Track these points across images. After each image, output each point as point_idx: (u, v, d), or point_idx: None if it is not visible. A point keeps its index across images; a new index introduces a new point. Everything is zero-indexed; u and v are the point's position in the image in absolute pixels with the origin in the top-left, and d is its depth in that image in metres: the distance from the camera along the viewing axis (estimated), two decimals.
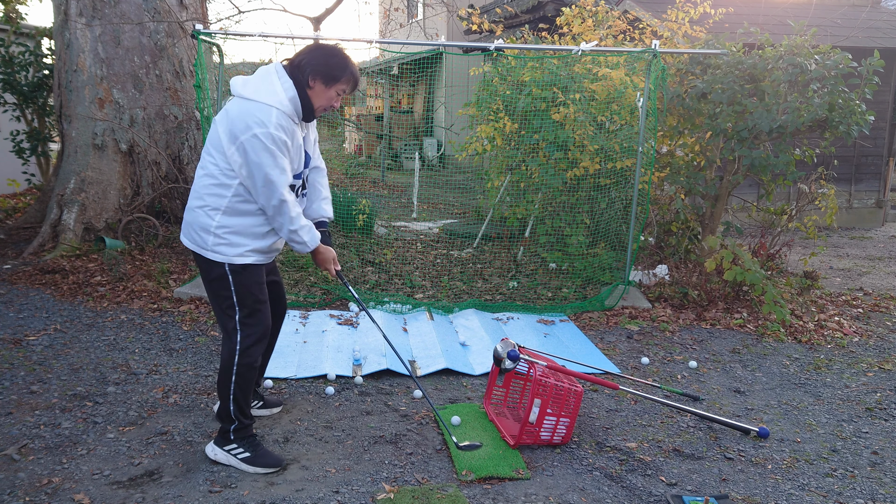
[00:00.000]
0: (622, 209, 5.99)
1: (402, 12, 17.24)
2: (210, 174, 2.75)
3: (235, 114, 2.68)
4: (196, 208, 2.79)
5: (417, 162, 9.26)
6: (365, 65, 14.11)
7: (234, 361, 2.83)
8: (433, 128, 13.74)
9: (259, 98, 2.68)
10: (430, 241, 7.23)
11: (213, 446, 2.91)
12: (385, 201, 9.31)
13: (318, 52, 2.79)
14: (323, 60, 2.76)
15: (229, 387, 2.83)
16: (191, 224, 2.82)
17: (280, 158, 2.68)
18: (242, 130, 2.64)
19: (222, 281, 2.81)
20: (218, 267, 2.79)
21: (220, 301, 2.85)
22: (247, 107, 2.67)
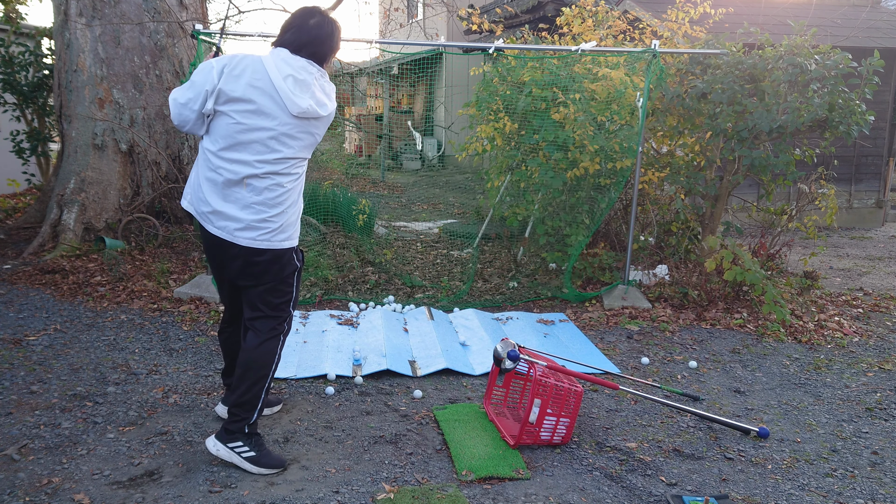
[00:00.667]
0: (622, 209, 5.99)
1: (402, 12, 17.24)
2: (299, 178, 2.90)
3: (319, 130, 2.90)
4: (278, 213, 2.85)
5: (419, 142, 9.18)
6: (365, 65, 14.10)
7: (279, 355, 2.96)
8: (433, 128, 13.74)
9: (333, 108, 2.91)
10: (431, 242, 7.23)
11: (215, 441, 2.87)
12: (385, 201, 9.31)
13: (316, 34, 2.82)
14: (335, 45, 2.89)
15: (268, 375, 2.91)
16: (270, 228, 2.86)
17: None
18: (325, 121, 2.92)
19: (292, 273, 2.96)
20: (289, 256, 2.92)
21: (279, 296, 2.95)
22: (329, 119, 2.92)
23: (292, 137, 2.79)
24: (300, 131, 2.81)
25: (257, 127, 2.74)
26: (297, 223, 2.95)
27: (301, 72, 2.77)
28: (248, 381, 2.87)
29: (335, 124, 7.95)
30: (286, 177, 2.84)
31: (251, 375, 2.87)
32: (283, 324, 2.97)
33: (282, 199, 2.83)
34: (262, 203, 2.80)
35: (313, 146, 2.94)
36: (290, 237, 2.91)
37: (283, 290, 2.94)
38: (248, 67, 2.72)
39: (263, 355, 2.90)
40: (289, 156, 2.81)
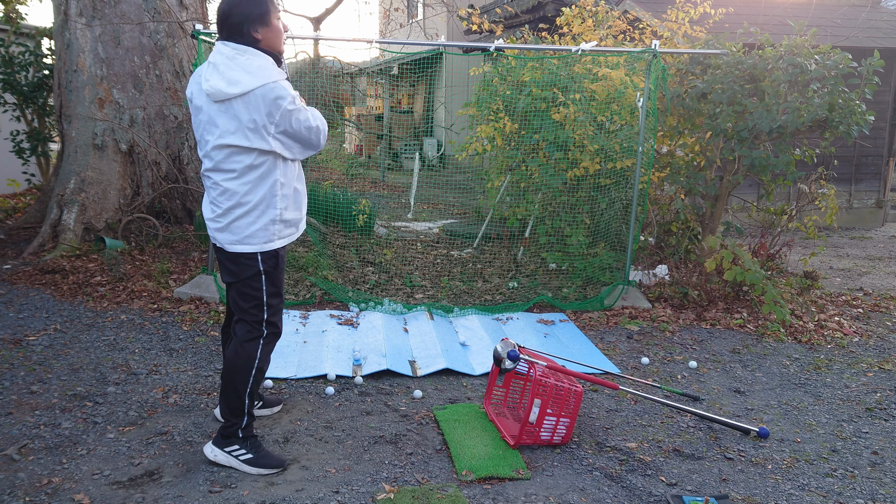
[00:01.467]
0: (622, 209, 5.99)
1: (402, 12, 17.24)
2: (239, 175, 2.74)
3: (246, 112, 2.65)
4: (221, 214, 2.79)
5: (417, 163, 9.26)
6: (365, 65, 14.10)
7: (258, 357, 2.88)
8: (433, 128, 13.74)
9: (256, 83, 2.63)
10: (431, 242, 7.23)
11: (212, 447, 2.89)
12: (385, 201, 9.31)
13: (234, 6, 2.67)
14: (246, 11, 2.67)
15: (248, 381, 2.86)
16: (219, 227, 2.81)
17: (304, 106, 2.76)
18: (271, 115, 2.66)
19: (253, 277, 2.85)
20: (245, 259, 2.83)
21: (245, 299, 2.88)
22: (255, 97, 2.63)
23: (214, 124, 2.70)
24: (221, 116, 2.67)
25: (196, 122, 2.82)
26: (251, 227, 2.77)
27: (214, 55, 2.73)
28: (230, 386, 2.86)
29: (335, 124, 7.95)
30: (222, 174, 2.74)
31: (231, 380, 2.86)
32: (260, 327, 2.87)
33: (222, 199, 2.77)
34: (213, 202, 2.83)
35: (245, 134, 2.67)
36: (242, 241, 2.78)
37: (247, 294, 2.84)
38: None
39: (240, 360, 2.85)
40: (215, 144, 2.70)
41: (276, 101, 2.64)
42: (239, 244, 2.79)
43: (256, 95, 2.63)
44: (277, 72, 2.72)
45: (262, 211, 2.77)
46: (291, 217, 2.87)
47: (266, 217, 2.78)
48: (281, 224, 2.83)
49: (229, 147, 2.70)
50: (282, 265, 2.93)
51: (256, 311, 2.86)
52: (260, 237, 2.80)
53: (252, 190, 2.75)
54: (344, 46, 13.33)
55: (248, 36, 2.69)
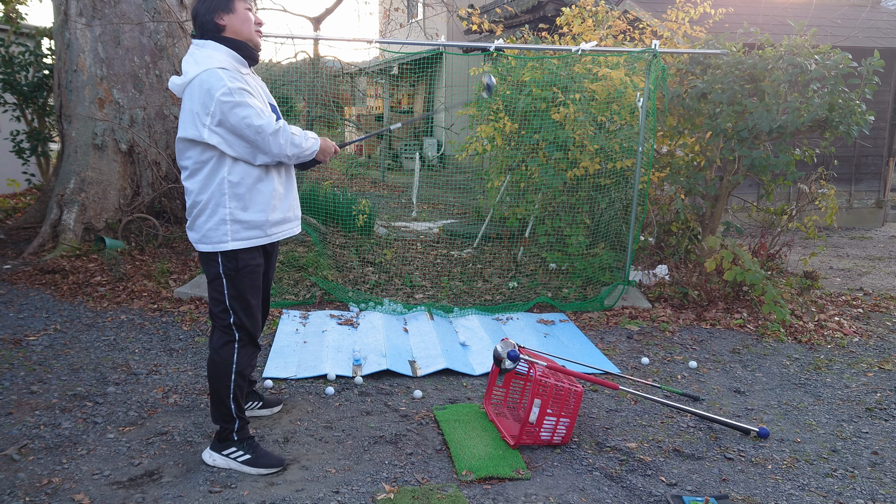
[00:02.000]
0: (622, 209, 5.99)
1: (402, 12, 17.24)
2: (191, 173, 2.72)
3: (189, 103, 2.63)
4: (199, 213, 2.75)
5: (418, 162, 9.26)
6: (365, 65, 14.10)
7: (234, 361, 2.84)
8: (433, 128, 13.74)
9: (197, 71, 2.61)
10: (431, 242, 7.23)
11: (210, 453, 2.89)
12: (385, 201, 9.31)
13: (194, 12, 2.73)
14: (202, 10, 2.71)
15: (229, 386, 2.83)
16: (194, 226, 2.78)
17: (253, 103, 2.63)
18: (203, 108, 2.59)
19: (214, 278, 2.81)
20: (207, 258, 2.79)
21: (212, 302, 2.85)
22: (193, 87, 2.61)
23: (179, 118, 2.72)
24: (182, 108, 2.69)
25: None
26: (205, 226, 2.73)
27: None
28: (214, 392, 2.86)
29: (335, 124, 7.95)
30: (182, 172, 2.78)
31: (214, 387, 2.85)
32: (231, 331, 2.82)
33: (187, 197, 2.79)
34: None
35: (186, 125, 2.64)
36: (200, 240, 2.76)
37: (213, 296, 2.82)
38: None
39: (217, 366, 2.83)
40: (180, 136, 2.69)
41: (209, 90, 2.58)
42: (199, 242, 2.78)
43: (194, 84, 2.61)
44: (224, 61, 2.66)
45: (212, 210, 2.71)
46: (251, 219, 2.74)
47: (216, 217, 2.71)
48: (236, 224, 2.72)
49: (181, 141, 2.70)
50: (249, 271, 2.80)
51: (223, 315, 2.81)
52: (212, 237, 2.73)
53: (202, 189, 2.71)
54: (344, 46, 13.42)
55: (213, 24, 2.70)
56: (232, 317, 2.81)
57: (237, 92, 2.60)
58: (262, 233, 2.80)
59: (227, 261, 2.76)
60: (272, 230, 2.84)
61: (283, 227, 2.89)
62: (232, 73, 2.66)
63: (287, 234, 2.93)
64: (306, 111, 7.00)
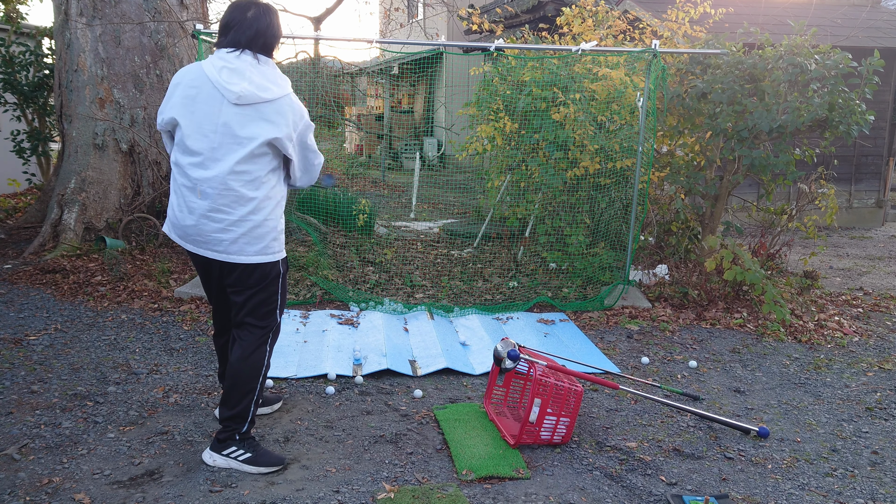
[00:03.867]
0: (622, 209, 5.99)
1: (402, 12, 17.24)
2: (253, 179, 2.75)
3: (282, 115, 2.75)
4: (249, 216, 2.76)
5: (418, 162, 9.26)
6: (365, 65, 14.10)
7: (266, 363, 2.91)
8: (433, 128, 13.74)
9: (285, 91, 2.78)
10: (431, 241, 7.23)
11: (210, 453, 2.89)
12: (385, 201, 9.31)
13: (272, 24, 2.81)
14: (277, 30, 2.84)
15: (256, 388, 2.88)
16: (245, 236, 2.77)
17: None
18: (296, 123, 2.80)
19: (276, 281, 2.90)
20: (276, 267, 2.89)
21: (266, 304, 2.90)
22: (282, 103, 2.76)
23: (238, 124, 2.79)
24: (243, 118, 2.72)
25: (195, 109, 2.86)
26: (270, 235, 2.91)
27: (233, 61, 2.73)
28: (237, 391, 2.86)
29: (335, 124, 7.96)
30: (240, 178, 2.85)
31: (239, 387, 2.87)
32: (268, 335, 2.96)
33: (255, 195, 2.88)
34: (240, 199, 2.90)
35: (287, 135, 2.77)
36: (263, 251, 2.90)
37: (264, 299, 2.98)
38: (183, 78, 2.78)
39: (251, 367, 2.88)
40: (266, 139, 2.80)
41: (302, 113, 2.82)
42: (258, 255, 2.82)
43: (284, 102, 2.76)
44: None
45: (275, 221, 2.89)
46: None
47: (278, 228, 2.91)
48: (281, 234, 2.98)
49: (260, 145, 2.74)
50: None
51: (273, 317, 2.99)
52: (274, 247, 2.89)
53: (266, 198, 2.84)
54: (344, 46, 13.46)
55: (272, 49, 2.85)
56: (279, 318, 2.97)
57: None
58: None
59: (282, 266, 2.94)
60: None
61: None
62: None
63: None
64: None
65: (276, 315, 2.94)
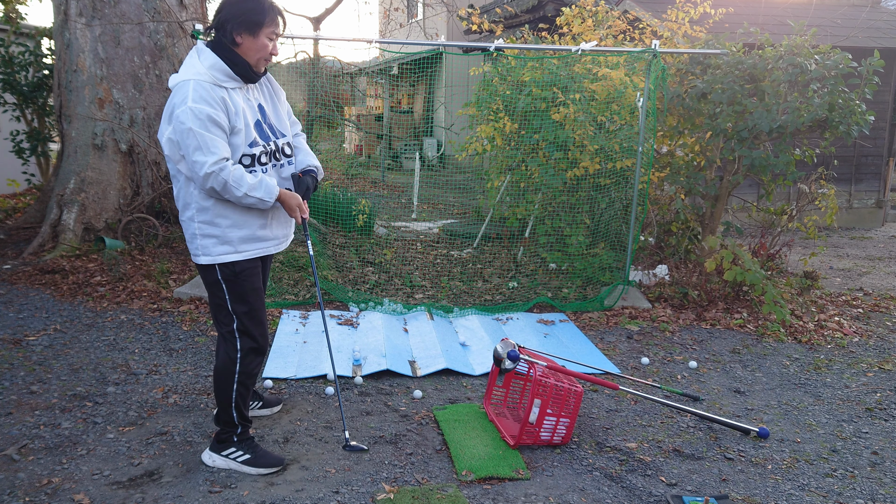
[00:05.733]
0: (622, 209, 5.99)
1: (401, 12, 17.24)
2: (175, 177, 2.70)
3: (166, 109, 2.59)
4: (181, 217, 2.76)
5: (418, 162, 9.26)
6: (365, 65, 14.10)
7: (236, 370, 2.81)
8: (433, 128, 13.74)
9: (177, 80, 2.58)
10: (431, 242, 7.23)
11: (209, 454, 2.89)
12: (385, 201, 9.31)
13: (228, 4, 2.63)
14: (238, 10, 2.59)
15: (231, 394, 2.81)
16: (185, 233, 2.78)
17: (205, 135, 2.50)
18: (167, 118, 2.56)
19: (216, 284, 2.78)
20: (210, 270, 2.76)
21: (218, 307, 2.83)
22: (171, 96, 2.58)
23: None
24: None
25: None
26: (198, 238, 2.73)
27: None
28: (216, 396, 2.87)
29: (335, 124, 7.95)
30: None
31: (216, 391, 2.87)
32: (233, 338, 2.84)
33: (186, 195, 2.75)
34: (180, 199, 2.82)
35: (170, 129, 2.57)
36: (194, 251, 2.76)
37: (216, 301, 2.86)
38: None
39: (221, 369, 2.85)
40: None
41: (180, 99, 2.52)
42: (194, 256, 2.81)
43: (174, 90, 2.58)
44: (200, 73, 2.56)
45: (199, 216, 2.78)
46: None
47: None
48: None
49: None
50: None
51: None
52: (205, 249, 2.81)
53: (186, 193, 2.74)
54: (344, 46, 13.49)
55: (228, 35, 2.61)
56: (235, 322, 2.81)
57: (198, 114, 2.50)
58: (233, 248, 2.75)
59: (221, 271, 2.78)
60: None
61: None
62: (207, 89, 2.54)
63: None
64: (306, 111, 7.00)
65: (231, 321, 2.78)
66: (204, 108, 2.50)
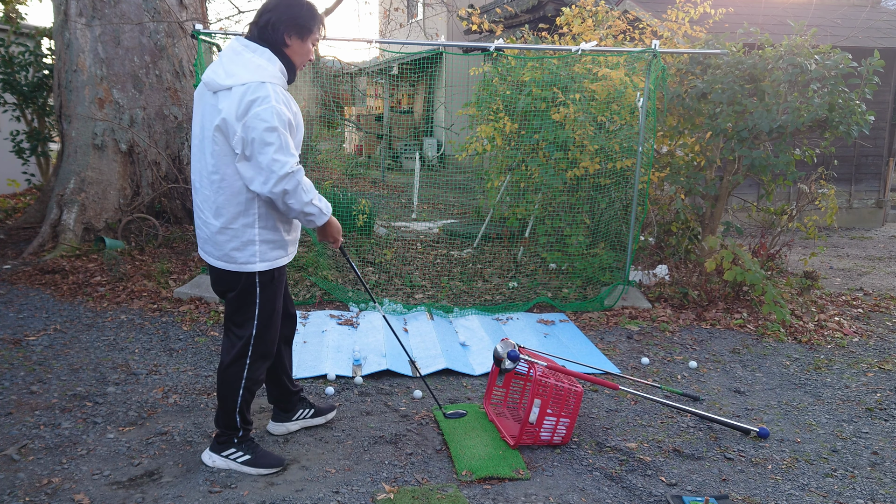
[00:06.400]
0: (622, 209, 5.99)
1: (402, 12, 17.24)
2: (231, 184, 2.59)
3: (228, 105, 2.47)
4: (227, 226, 2.63)
5: (418, 162, 9.26)
6: (365, 65, 14.10)
7: (244, 376, 2.78)
8: (433, 128, 13.74)
9: (245, 79, 2.47)
10: (431, 242, 7.23)
11: (210, 454, 2.88)
12: (385, 201, 9.31)
13: (280, 5, 2.60)
14: (292, 13, 2.59)
15: (236, 400, 2.79)
16: (219, 242, 2.66)
17: (286, 135, 2.48)
18: (242, 114, 2.45)
19: (250, 290, 2.71)
20: (249, 277, 2.70)
21: (242, 310, 2.75)
22: (237, 92, 2.47)
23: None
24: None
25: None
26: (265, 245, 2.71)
27: (224, 49, 2.65)
28: (220, 399, 2.84)
29: (335, 124, 7.96)
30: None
31: (220, 394, 2.84)
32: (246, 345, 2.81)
33: (234, 203, 2.68)
34: (217, 206, 2.74)
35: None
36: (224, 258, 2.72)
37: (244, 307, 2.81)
38: None
39: (229, 375, 2.81)
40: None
41: (251, 102, 2.45)
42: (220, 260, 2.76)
43: (237, 91, 2.48)
44: (275, 76, 2.55)
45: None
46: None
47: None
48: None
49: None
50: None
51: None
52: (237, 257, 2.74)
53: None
54: (344, 46, 13.47)
55: (279, 37, 2.59)
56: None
57: (281, 115, 2.48)
58: (284, 252, 2.83)
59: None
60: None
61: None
62: (282, 93, 2.54)
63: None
64: (306, 111, 7.00)
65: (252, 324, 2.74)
66: (285, 111, 2.50)
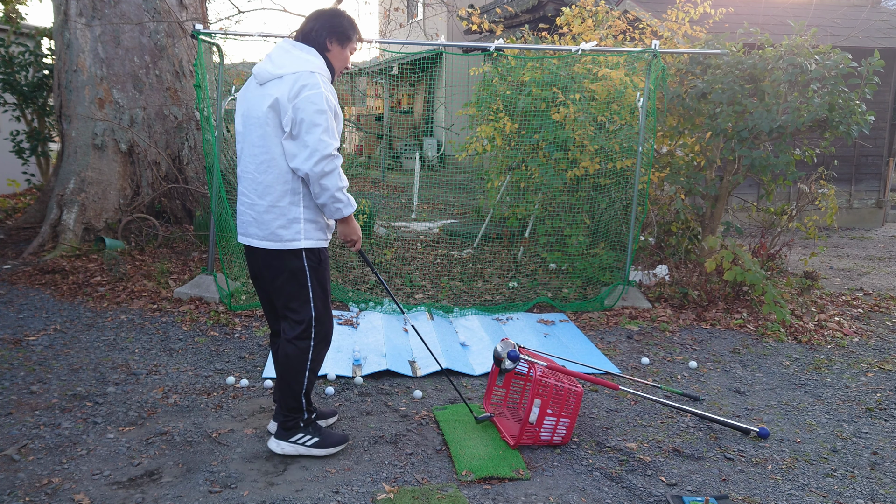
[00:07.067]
0: (622, 209, 5.99)
1: (402, 12, 17.24)
2: (279, 164, 2.73)
3: (280, 89, 2.65)
4: (274, 205, 2.75)
5: (418, 162, 9.26)
6: (365, 65, 14.10)
7: (308, 358, 2.87)
8: (433, 128, 13.74)
9: (295, 68, 2.68)
10: (431, 242, 7.23)
11: (277, 442, 2.94)
12: (385, 201, 9.31)
13: (324, 16, 2.84)
14: (334, 23, 2.82)
15: (303, 383, 2.88)
16: (265, 221, 2.77)
17: (333, 121, 2.69)
18: (294, 97, 2.63)
19: (300, 272, 2.83)
20: (297, 257, 2.81)
21: (296, 294, 2.85)
22: (288, 79, 2.66)
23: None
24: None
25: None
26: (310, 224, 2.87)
27: (273, 49, 2.84)
28: (284, 384, 2.92)
29: None
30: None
31: (285, 379, 2.93)
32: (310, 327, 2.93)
33: (282, 182, 2.83)
34: (266, 186, 2.88)
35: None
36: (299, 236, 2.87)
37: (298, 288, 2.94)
38: None
39: (294, 359, 2.91)
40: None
41: (303, 87, 2.63)
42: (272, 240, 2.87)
43: (289, 78, 2.67)
44: (322, 69, 2.74)
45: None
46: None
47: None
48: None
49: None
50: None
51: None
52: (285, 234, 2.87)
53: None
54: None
55: (322, 42, 2.80)
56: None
57: (330, 102, 2.67)
58: (325, 235, 2.94)
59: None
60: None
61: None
62: (329, 86, 2.74)
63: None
64: None
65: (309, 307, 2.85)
66: (332, 100, 2.71)
